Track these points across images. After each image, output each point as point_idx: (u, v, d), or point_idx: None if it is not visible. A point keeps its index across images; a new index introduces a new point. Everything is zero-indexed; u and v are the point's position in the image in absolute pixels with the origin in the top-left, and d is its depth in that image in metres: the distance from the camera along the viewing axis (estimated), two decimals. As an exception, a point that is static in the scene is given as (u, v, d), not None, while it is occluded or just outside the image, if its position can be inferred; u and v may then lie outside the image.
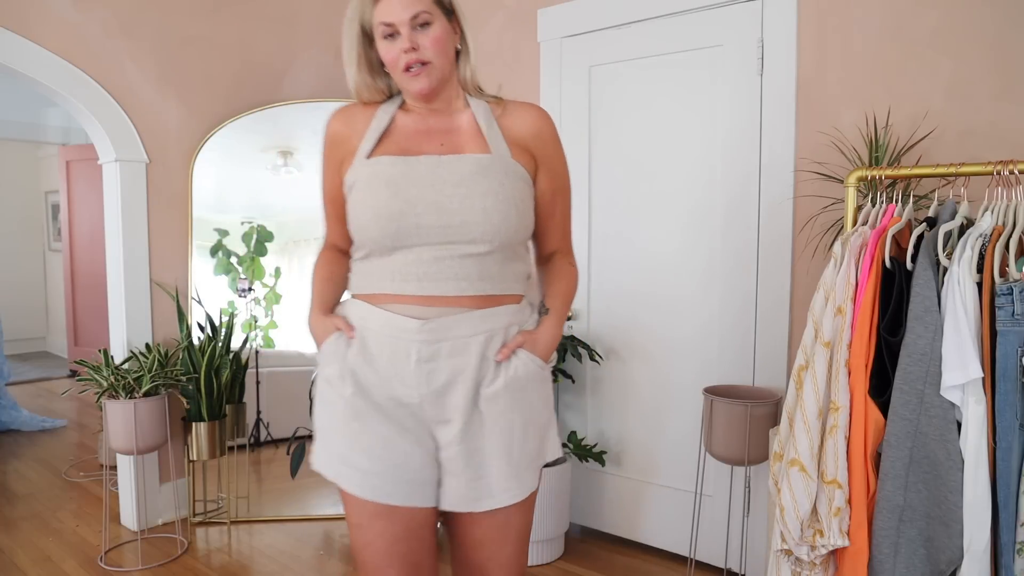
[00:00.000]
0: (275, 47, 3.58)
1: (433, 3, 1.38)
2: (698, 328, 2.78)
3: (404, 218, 1.35)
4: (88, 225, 6.33)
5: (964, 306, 1.55)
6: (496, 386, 1.38)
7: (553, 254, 1.56)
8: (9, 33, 2.81)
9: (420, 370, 1.36)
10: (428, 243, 1.36)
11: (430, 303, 1.36)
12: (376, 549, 1.40)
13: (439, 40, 1.38)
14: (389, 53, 1.39)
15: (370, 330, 1.40)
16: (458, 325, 1.36)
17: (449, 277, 1.36)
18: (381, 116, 1.46)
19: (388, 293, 1.39)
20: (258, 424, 3.73)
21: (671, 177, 2.81)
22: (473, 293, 1.37)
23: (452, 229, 1.35)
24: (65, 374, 6.69)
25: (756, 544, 2.58)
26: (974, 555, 1.55)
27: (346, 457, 1.40)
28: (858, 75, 2.38)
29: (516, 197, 1.39)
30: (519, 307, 1.44)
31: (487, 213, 1.35)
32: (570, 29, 3.02)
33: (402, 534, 1.40)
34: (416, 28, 1.36)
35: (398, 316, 1.37)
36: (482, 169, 1.38)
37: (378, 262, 1.41)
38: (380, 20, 1.37)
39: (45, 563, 2.91)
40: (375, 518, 1.39)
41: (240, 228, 3.52)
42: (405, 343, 1.36)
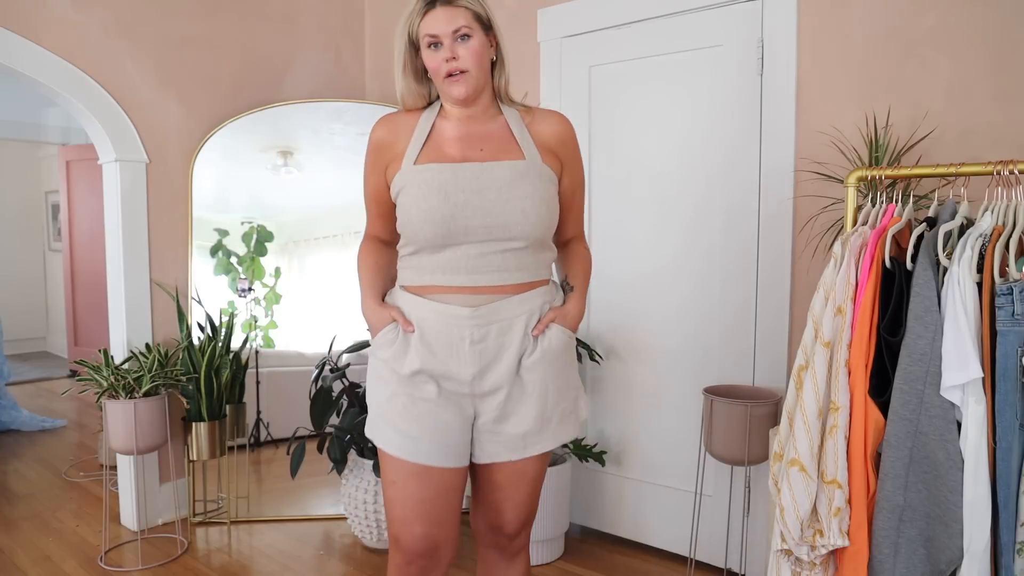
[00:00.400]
0: (275, 47, 3.58)
1: (473, 19, 1.57)
2: (698, 328, 2.78)
3: (454, 221, 1.54)
4: (88, 225, 6.33)
5: (964, 306, 1.55)
6: (535, 356, 1.60)
7: (570, 240, 1.78)
8: (9, 33, 2.81)
9: (473, 350, 1.57)
10: (474, 241, 1.56)
11: (478, 292, 1.57)
12: (407, 505, 1.61)
13: (477, 52, 1.57)
14: (432, 61, 1.58)
15: (426, 319, 1.59)
16: (503, 309, 1.58)
17: (493, 269, 1.57)
18: (423, 124, 1.64)
19: (440, 285, 1.59)
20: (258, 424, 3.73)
21: (671, 177, 2.81)
22: (513, 282, 1.59)
23: (495, 229, 1.55)
24: (65, 374, 6.69)
25: (756, 544, 2.58)
26: (974, 555, 1.55)
27: (396, 424, 1.60)
28: (858, 75, 2.38)
29: (548, 198, 1.60)
30: (549, 288, 1.67)
31: (525, 214, 1.56)
32: (570, 29, 3.02)
33: (431, 494, 1.61)
34: (457, 40, 1.55)
35: (451, 306, 1.57)
36: (519, 175, 1.57)
37: (428, 258, 1.59)
38: (426, 32, 1.56)
39: (45, 563, 2.91)
40: (410, 477, 1.60)
41: (240, 228, 3.52)
42: (459, 328, 1.57)
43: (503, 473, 1.66)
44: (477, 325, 1.56)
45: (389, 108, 3.61)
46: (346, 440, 2.94)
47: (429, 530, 1.62)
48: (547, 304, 1.65)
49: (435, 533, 1.63)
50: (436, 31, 1.55)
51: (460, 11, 1.56)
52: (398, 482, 1.62)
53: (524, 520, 1.74)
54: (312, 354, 3.55)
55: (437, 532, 1.63)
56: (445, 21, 1.54)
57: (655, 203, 2.86)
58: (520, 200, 1.55)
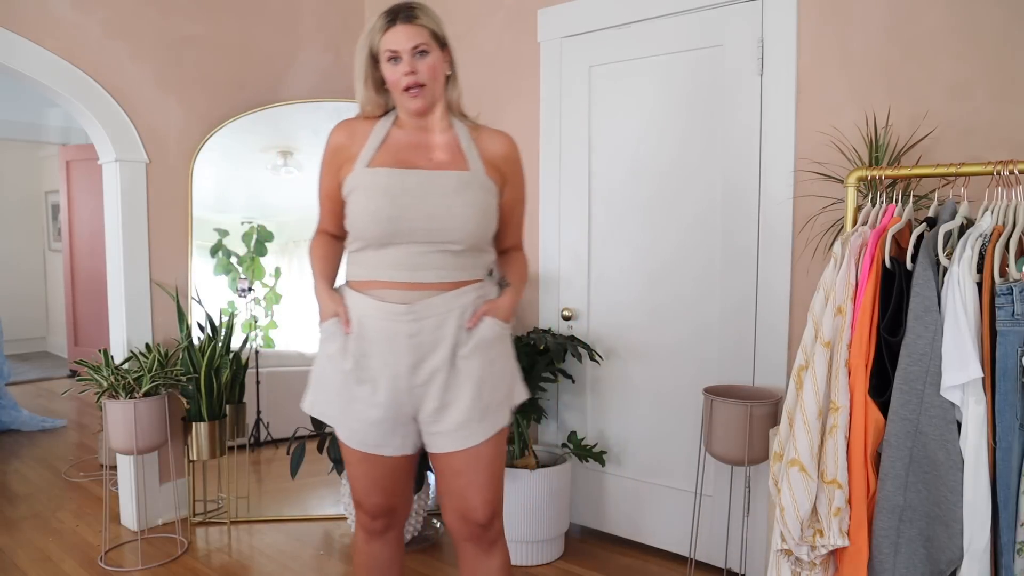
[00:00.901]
0: (275, 47, 3.58)
1: (430, 36, 1.70)
2: (698, 328, 2.78)
3: (399, 222, 1.67)
4: (88, 225, 6.33)
5: (964, 306, 1.55)
6: (468, 347, 1.72)
7: (510, 249, 1.93)
8: (9, 33, 2.81)
9: (410, 343, 1.69)
10: (415, 241, 1.68)
11: (415, 288, 1.69)
12: (363, 482, 1.84)
13: (433, 67, 1.71)
14: (392, 74, 1.70)
15: (367, 315, 1.72)
16: (437, 304, 1.70)
17: (432, 267, 1.70)
18: (378, 130, 1.76)
19: (381, 280, 1.71)
20: (258, 424, 3.73)
21: (671, 177, 2.81)
22: (449, 280, 1.72)
23: (435, 231, 1.68)
24: (65, 374, 6.69)
25: (756, 544, 2.58)
26: (974, 555, 1.55)
27: (339, 417, 1.78)
28: (858, 75, 2.38)
29: (486, 208, 1.74)
30: (483, 284, 1.78)
31: (464, 221, 1.69)
32: (570, 29, 3.02)
33: (383, 472, 1.82)
34: (415, 55, 1.68)
35: (389, 303, 1.69)
36: (463, 184, 1.71)
37: (373, 254, 1.72)
38: (386, 47, 1.69)
39: (45, 563, 2.91)
40: (362, 461, 1.80)
41: (240, 228, 3.52)
42: (396, 323, 1.69)
43: (459, 460, 1.76)
44: (413, 319, 1.68)
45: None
46: (346, 440, 2.94)
47: (386, 500, 1.86)
48: (481, 298, 1.76)
49: (391, 501, 1.87)
50: (397, 47, 1.68)
51: (419, 29, 1.69)
52: (353, 463, 1.83)
53: (492, 505, 1.81)
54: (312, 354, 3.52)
55: (392, 499, 1.87)
56: (405, 38, 1.68)
57: (655, 203, 2.86)
58: (461, 207, 1.69)
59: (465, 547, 1.86)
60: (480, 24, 3.33)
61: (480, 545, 1.84)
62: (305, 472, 2.99)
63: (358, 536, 1.95)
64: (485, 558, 1.85)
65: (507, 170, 1.81)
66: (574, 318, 3.10)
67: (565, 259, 3.11)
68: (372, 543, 1.93)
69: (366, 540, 1.93)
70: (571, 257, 3.09)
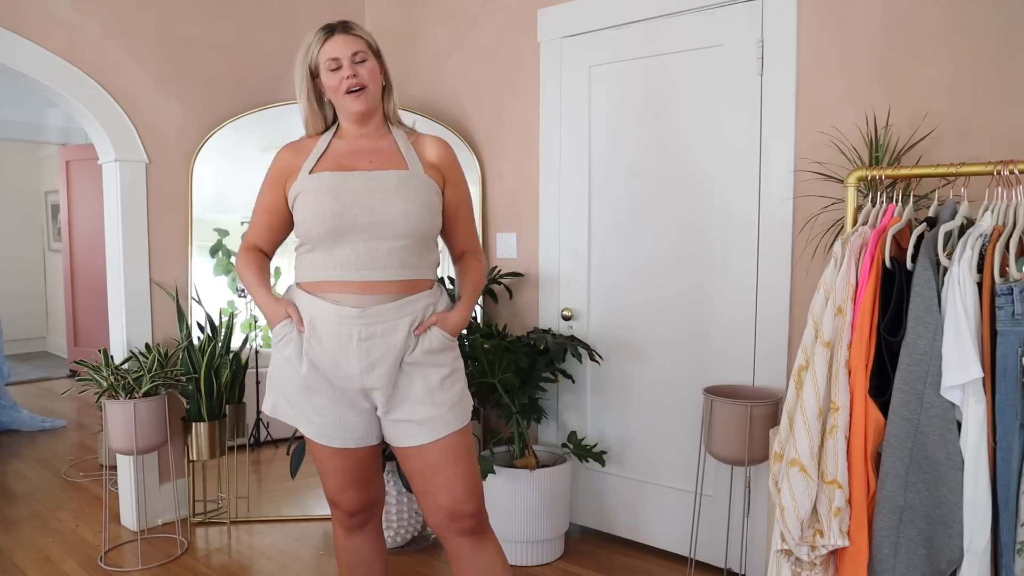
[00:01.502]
0: (275, 47, 3.57)
1: (366, 46, 1.82)
2: (698, 328, 2.78)
3: (343, 218, 1.73)
4: (88, 225, 6.33)
5: (964, 306, 1.54)
6: (415, 354, 1.77)
7: (464, 253, 1.98)
8: (9, 33, 2.81)
9: (360, 347, 1.74)
10: (362, 238, 1.74)
11: (365, 290, 1.74)
12: (335, 477, 1.89)
13: (372, 71, 1.81)
14: (333, 80, 1.80)
15: (319, 317, 1.76)
16: (389, 312, 1.75)
17: (380, 266, 1.75)
18: (320, 143, 1.86)
19: (332, 280, 1.76)
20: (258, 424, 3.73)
21: (671, 177, 2.81)
22: (398, 278, 1.77)
23: (379, 227, 1.74)
24: (65, 374, 6.69)
25: (756, 544, 2.58)
26: (974, 555, 1.55)
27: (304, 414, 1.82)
28: (858, 75, 2.38)
29: (428, 202, 1.80)
30: (433, 291, 1.84)
31: (407, 214, 1.75)
32: (570, 29, 3.02)
33: (352, 465, 1.87)
34: (355, 62, 1.79)
35: (341, 306, 1.74)
36: (402, 181, 1.78)
37: (321, 255, 1.77)
38: (328, 56, 1.80)
39: (45, 563, 2.91)
40: (331, 456, 1.85)
41: (240, 228, 3.52)
42: (348, 327, 1.73)
43: (434, 453, 1.80)
44: (365, 324, 1.73)
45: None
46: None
47: (360, 492, 1.92)
48: (431, 306, 1.81)
49: (365, 492, 1.92)
50: (337, 54, 1.79)
51: (356, 39, 1.81)
52: (323, 459, 1.87)
53: (477, 493, 1.84)
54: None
55: (366, 491, 1.93)
56: (344, 46, 1.79)
57: (655, 203, 2.86)
58: (402, 202, 1.75)
59: (459, 543, 1.86)
60: (480, 24, 3.33)
61: (473, 537, 1.85)
62: (305, 472, 2.98)
63: (337, 533, 2.00)
64: (481, 548, 1.86)
65: (446, 171, 1.88)
66: (574, 318, 3.10)
67: (565, 259, 3.11)
68: (353, 538, 1.98)
69: (346, 536, 1.98)
70: (571, 257, 3.10)
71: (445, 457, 1.80)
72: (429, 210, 1.80)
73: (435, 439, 1.79)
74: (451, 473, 1.81)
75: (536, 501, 2.81)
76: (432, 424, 1.78)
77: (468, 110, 3.39)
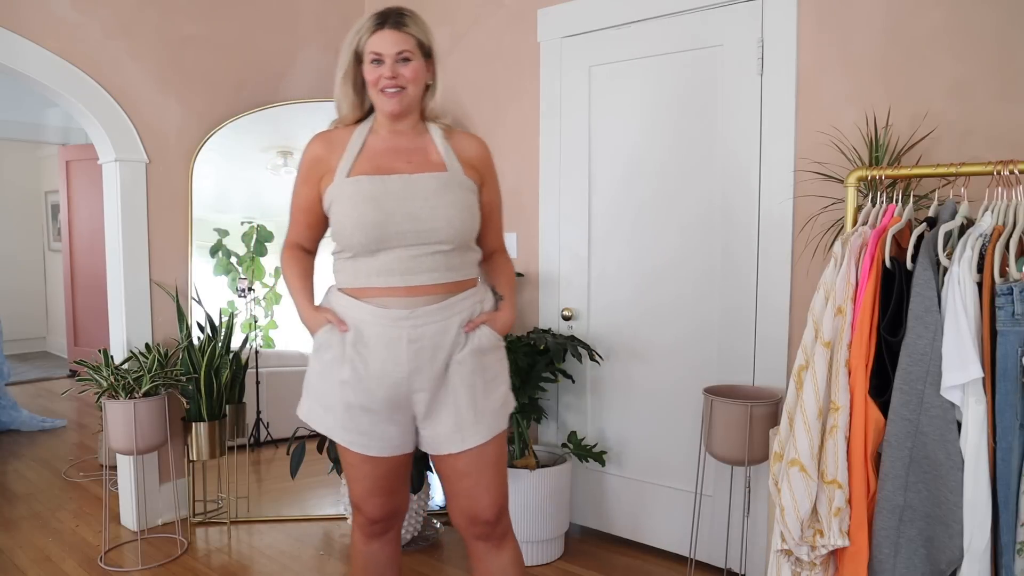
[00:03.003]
0: (275, 47, 3.58)
1: (416, 45, 1.72)
2: (698, 328, 2.78)
3: (385, 227, 1.68)
4: (88, 225, 6.33)
5: (964, 306, 1.55)
6: (464, 352, 1.74)
7: (493, 252, 1.95)
8: (9, 33, 2.81)
9: (410, 348, 1.70)
10: (405, 245, 1.70)
11: (412, 293, 1.71)
12: (363, 484, 1.85)
13: (415, 72, 1.73)
14: (372, 75, 1.73)
15: (365, 322, 1.72)
16: (438, 311, 1.72)
17: (425, 270, 1.71)
18: (355, 139, 1.78)
19: (377, 287, 1.72)
20: (258, 424, 3.73)
21: (671, 177, 2.81)
22: (443, 281, 1.74)
23: (423, 233, 1.70)
24: (65, 374, 6.69)
25: (756, 544, 2.58)
26: (974, 555, 1.55)
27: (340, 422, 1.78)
28: (858, 75, 2.38)
29: (469, 205, 1.77)
30: (477, 288, 1.82)
31: (450, 220, 1.71)
32: (570, 29, 3.02)
33: (382, 473, 1.83)
34: (398, 61, 1.71)
35: (389, 309, 1.70)
36: (443, 185, 1.74)
37: (364, 261, 1.73)
38: (372, 50, 1.71)
39: (45, 563, 2.91)
40: (363, 462, 1.81)
41: (240, 228, 3.52)
42: (397, 329, 1.70)
43: (464, 461, 1.78)
44: (414, 325, 1.70)
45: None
46: (346, 440, 2.94)
47: (385, 501, 1.88)
48: (478, 304, 1.79)
49: (390, 502, 1.89)
50: (381, 50, 1.70)
51: (406, 36, 1.71)
52: (355, 465, 1.83)
53: (499, 502, 1.84)
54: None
55: (392, 500, 1.90)
56: (391, 43, 1.70)
57: (655, 203, 2.86)
58: (445, 208, 1.71)
59: (476, 546, 1.88)
60: (480, 24, 3.33)
61: (491, 542, 1.86)
62: (305, 472, 2.99)
63: (356, 538, 1.97)
64: (497, 553, 1.87)
65: (483, 170, 1.85)
66: (574, 318, 3.10)
67: (565, 259, 3.11)
68: (371, 544, 1.95)
69: (364, 541, 1.95)
70: (571, 257, 3.09)
71: (475, 464, 1.79)
72: (471, 212, 1.77)
73: (468, 448, 1.76)
74: (476, 480, 1.80)
75: (536, 501, 2.81)
76: (469, 431, 1.76)
77: (468, 110, 3.39)
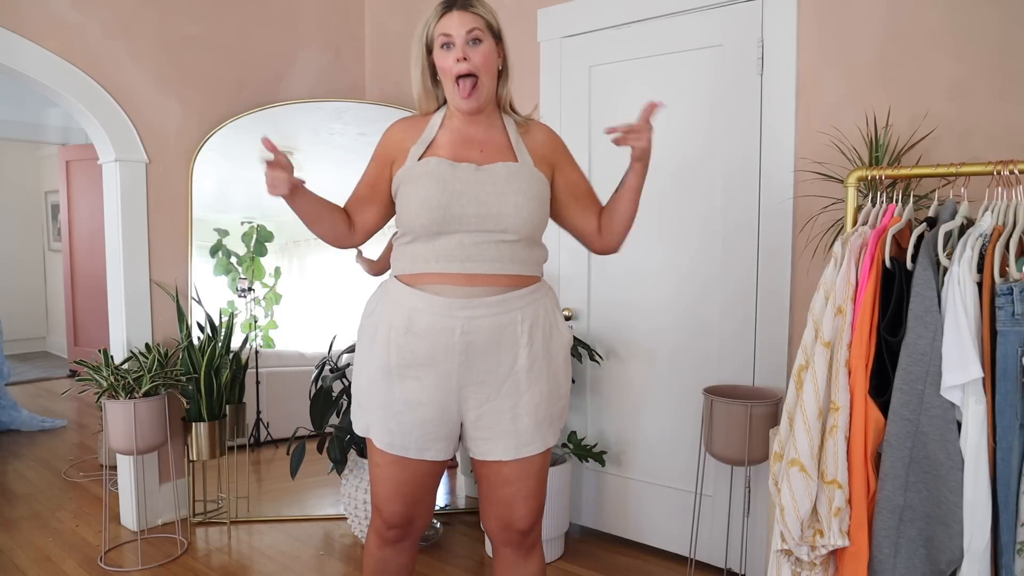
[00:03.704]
0: (275, 47, 3.58)
1: (485, 26, 1.71)
2: (698, 328, 2.78)
3: (449, 208, 1.64)
4: (88, 225, 6.33)
5: (964, 306, 1.54)
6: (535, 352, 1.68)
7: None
8: (8, 33, 2.81)
9: (462, 340, 1.64)
10: (468, 230, 1.65)
11: (470, 282, 1.65)
12: (387, 486, 1.77)
13: (486, 55, 1.70)
14: (444, 61, 1.70)
15: (417, 310, 1.66)
16: (496, 304, 1.65)
17: (486, 259, 1.65)
18: (431, 126, 1.77)
19: (434, 272, 1.66)
20: (258, 424, 3.73)
21: (671, 177, 2.81)
22: (505, 273, 1.67)
23: (489, 219, 1.65)
24: (65, 374, 6.69)
25: (756, 544, 2.58)
26: (974, 555, 1.55)
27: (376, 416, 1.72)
28: (858, 75, 2.38)
29: (539, 196, 1.71)
30: (539, 286, 1.74)
31: (518, 207, 1.66)
32: (570, 29, 3.02)
33: (409, 478, 1.75)
34: (469, 42, 1.68)
35: (445, 298, 1.64)
36: (513, 174, 1.69)
37: (423, 245, 1.68)
38: (441, 31, 1.69)
39: (45, 563, 2.91)
40: (391, 463, 1.74)
41: (240, 228, 3.52)
42: (451, 320, 1.63)
43: (511, 469, 1.72)
44: (469, 317, 1.63)
45: (389, 108, 3.61)
46: (346, 440, 2.94)
47: (407, 509, 1.80)
48: (539, 302, 1.72)
49: (412, 511, 1.81)
50: (450, 31, 1.68)
51: (474, 16, 1.70)
52: (381, 465, 1.77)
53: (536, 513, 1.79)
54: (312, 354, 3.54)
55: (413, 510, 1.81)
56: (459, 23, 1.68)
57: (655, 203, 2.85)
58: (514, 194, 1.66)
59: (504, 552, 1.84)
60: (480, 24, 3.32)
61: (520, 550, 1.82)
62: (305, 472, 2.99)
63: (370, 539, 1.90)
64: (524, 562, 1.84)
65: (553, 158, 1.80)
66: (574, 318, 3.10)
67: (565, 259, 3.11)
68: (384, 549, 1.88)
69: (378, 546, 1.88)
70: (571, 257, 3.09)
71: (519, 473, 1.73)
72: (540, 203, 1.72)
73: (517, 458, 1.71)
74: (517, 489, 1.75)
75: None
76: (525, 440, 1.70)
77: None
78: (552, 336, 1.73)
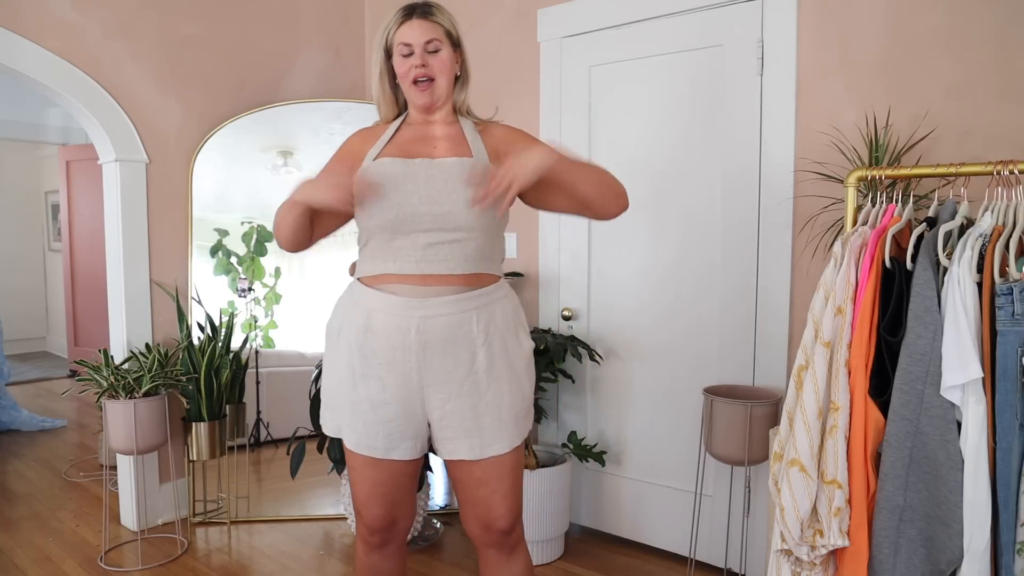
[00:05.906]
0: (275, 47, 3.58)
1: (444, 34, 1.74)
2: (698, 328, 2.78)
3: (402, 207, 1.65)
4: (88, 225, 6.33)
5: (964, 306, 1.55)
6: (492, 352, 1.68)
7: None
8: (8, 33, 2.81)
9: (419, 340, 1.64)
10: (422, 230, 1.65)
11: (425, 282, 1.66)
12: (364, 488, 1.79)
13: (444, 62, 1.74)
14: (402, 67, 1.74)
15: (376, 310, 1.68)
16: (451, 303, 1.65)
17: (440, 259, 1.66)
18: (389, 131, 1.81)
19: (391, 273, 1.68)
20: (258, 424, 3.73)
21: (671, 177, 2.81)
22: (459, 272, 1.67)
23: (441, 218, 1.65)
24: (65, 374, 6.69)
25: (756, 544, 2.58)
26: (974, 555, 1.55)
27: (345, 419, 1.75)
28: (858, 75, 2.38)
29: None
30: (497, 286, 1.75)
31: (468, 204, 1.63)
32: (570, 29, 3.02)
33: (384, 479, 1.77)
34: (427, 51, 1.72)
35: (400, 297, 1.65)
36: (465, 168, 1.67)
37: (382, 248, 1.69)
38: (400, 40, 1.73)
39: (45, 563, 2.91)
40: (366, 466, 1.76)
41: (240, 228, 3.52)
42: (407, 319, 1.65)
43: (482, 469, 1.73)
44: (424, 316, 1.64)
45: (389, 108, 3.61)
46: (346, 440, 2.94)
47: (387, 511, 1.81)
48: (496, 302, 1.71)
49: (392, 512, 1.82)
50: (410, 40, 1.72)
51: (434, 26, 1.73)
52: (356, 468, 1.79)
53: (515, 511, 1.79)
54: (312, 354, 3.55)
55: (393, 511, 1.83)
56: (419, 32, 1.72)
57: (655, 203, 2.86)
58: (464, 191, 1.64)
59: (487, 553, 1.84)
60: (480, 24, 3.33)
61: (503, 550, 1.82)
62: (305, 472, 2.99)
63: (358, 547, 1.92)
64: (508, 562, 1.83)
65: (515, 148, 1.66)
66: (574, 318, 3.10)
67: (565, 259, 3.11)
68: (371, 555, 1.89)
69: (365, 551, 1.90)
70: (571, 257, 3.09)
71: (493, 473, 1.73)
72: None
73: (487, 457, 1.71)
74: (494, 488, 1.74)
75: (536, 501, 2.81)
76: (490, 438, 1.70)
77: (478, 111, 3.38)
78: (509, 343, 1.72)
